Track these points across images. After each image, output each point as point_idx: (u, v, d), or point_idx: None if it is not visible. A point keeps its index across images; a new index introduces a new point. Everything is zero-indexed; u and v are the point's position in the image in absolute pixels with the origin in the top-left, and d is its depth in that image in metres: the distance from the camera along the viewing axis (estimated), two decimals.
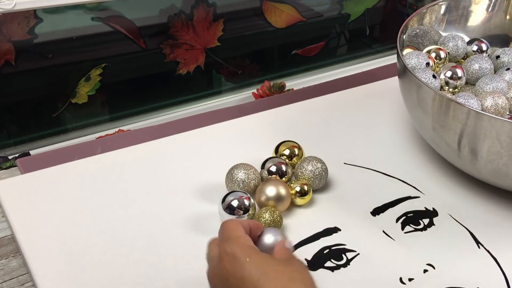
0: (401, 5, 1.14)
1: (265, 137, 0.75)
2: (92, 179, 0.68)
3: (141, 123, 0.93)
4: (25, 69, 0.82)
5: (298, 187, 0.63)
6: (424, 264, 0.58)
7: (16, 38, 0.80)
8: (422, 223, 0.63)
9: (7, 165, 0.78)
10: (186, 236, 0.60)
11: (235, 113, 0.81)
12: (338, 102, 0.84)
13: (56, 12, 0.81)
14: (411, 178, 0.69)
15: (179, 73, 0.95)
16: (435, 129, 0.65)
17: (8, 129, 0.85)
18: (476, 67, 0.73)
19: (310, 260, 0.58)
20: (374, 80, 0.89)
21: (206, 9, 0.92)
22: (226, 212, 0.59)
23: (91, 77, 0.88)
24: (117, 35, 0.87)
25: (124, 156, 0.72)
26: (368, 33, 1.13)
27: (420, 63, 0.70)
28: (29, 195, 0.65)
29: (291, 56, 1.06)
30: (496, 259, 0.59)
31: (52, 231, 0.60)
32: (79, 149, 0.74)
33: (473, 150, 0.61)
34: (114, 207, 0.64)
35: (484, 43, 0.78)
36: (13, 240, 0.63)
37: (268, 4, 0.98)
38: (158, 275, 0.56)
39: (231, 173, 0.64)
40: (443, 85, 0.71)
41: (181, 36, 0.92)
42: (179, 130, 0.77)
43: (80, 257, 0.57)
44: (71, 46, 0.85)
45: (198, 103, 0.99)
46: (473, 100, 0.65)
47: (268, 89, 0.98)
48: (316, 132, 0.77)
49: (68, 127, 0.90)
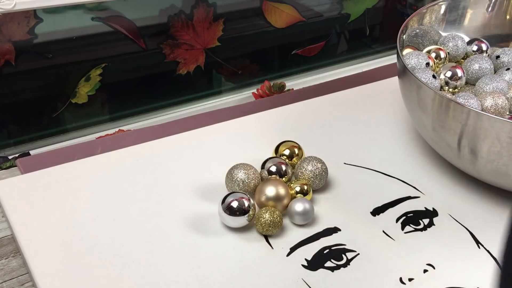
0: (401, 5, 1.14)
1: (265, 137, 0.75)
2: (92, 179, 0.68)
3: (141, 123, 0.93)
4: (25, 69, 0.82)
5: (298, 187, 0.63)
6: (424, 264, 0.58)
7: (16, 38, 0.80)
8: (422, 223, 0.63)
9: (7, 165, 0.78)
10: (186, 236, 0.60)
11: (235, 113, 0.81)
12: (338, 102, 0.84)
13: (56, 12, 0.81)
14: (411, 178, 0.69)
15: (179, 73, 0.95)
16: (435, 129, 0.65)
17: (8, 129, 0.85)
18: (476, 67, 0.73)
19: (310, 260, 0.58)
20: (374, 80, 0.89)
21: (206, 9, 0.92)
22: (226, 213, 0.59)
23: (91, 77, 0.88)
24: (117, 35, 0.87)
25: (124, 156, 0.72)
26: (368, 33, 1.13)
27: (420, 63, 0.70)
28: (29, 195, 0.65)
29: (291, 56, 1.06)
30: (496, 259, 0.59)
31: (52, 231, 0.60)
32: (79, 149, 0.74)
33: (473, 150, 0.61)
34: (114, 207, 0.64)
35: (484, 43, 0.78)
36: (13, 240, 0.63)
37: (268, 4, 0.98)
38: (158, 275, 0.56)
39: (231, 173, 0.64)
40: (443, 85, 0.71)
41: (181, 36, 0.92)
42: (179, 130, 0.77)
43: (80, 257, 0.57)
44: (71, 46, 0.85)
45: (198, 103, 0.99)
46: (473, 100, 0.65)
47: (268, 89, 0.98)
48: (316, 132, 0.77)
49: (68, 127, 0.90)
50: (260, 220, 0.59)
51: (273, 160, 0.66)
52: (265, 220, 0.59)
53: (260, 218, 0.60)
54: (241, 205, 0.59)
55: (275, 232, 0.60)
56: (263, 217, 0.59)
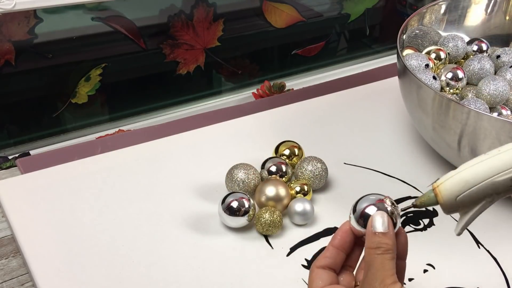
0: (401, 5, 1.14)
1: (265, 137, 0.75)
2: (92, 179, 0.68)
3: (141, 123, 0.93)
4: (25, 69, 0.82)
5: (298, 187, 0.63)
6: (424, 264, 0.58)
7: (16, 38, 0.80)
8: (422, 223, 0.63)
9: (7, 165, 0.78)
10: (186, 236, 0.60)
11: (235, 113, 0.81)
12: (338, 102, 0.84)
13: (56, 12, 0.81)
14: (411, 178, 0.69)
15: (179, 73, 0.95)
16: (435, 129, 0.65)
17: (8, 129, 0.85)
18: (476, 67, 0.72)
19: (310, 260, 0.58)
20: (374, 80, 0.89)
21: (206, 9, 0.92)
22: (226, 213, 0.59)
23: (91, 77, 0.88)
24: (117, 35, 0.87)
25: (124, 156, 0.72)
26: (368, 33, 1.13)
27: (419, 64, 0.70)
28: (29, 195, 0.65)
29: (291, 56, 1.06)
30: (496, 259, 0.59)
31: (52, 231, 0.60)
32: (79, 149, 0.74)
33: (473, 150, 0.61)
34: (114, 207, 0.64)
35: (484, 43, 0.78)
36: (13, 240, 0.63)
37: (268, 4, 0.98)
38: (158, 275, 0.56)
39: (231, 173, 0.64)
40: (444, 86, 0.71)
41: (181, 36, 0.92)
42: (179, 130, 0.77)
43: (80, 257, 0.57)
44: (71, 46, 0.85)
45: (198, 103, 0.99)
46: (479, 103, 0.65)
47: (268, 89, 0.98)
48: (316, 132, 0.77)
49: (68, 127, 0.90)
50: (260, 220, 0.59)
51: (273, 160, 0.66)
52: (265, 220, 0.59)
53: (260, 218, 0.60)
54: (241, 205, 0.59)
55: (275, 232, 0.60)
56: (263, 217, 0.59)
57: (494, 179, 0.40)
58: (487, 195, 0.41)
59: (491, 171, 0.40)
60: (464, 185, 0.41)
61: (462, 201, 0.41)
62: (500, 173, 0.40)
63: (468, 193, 0.41)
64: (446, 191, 0.41)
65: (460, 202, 0.41)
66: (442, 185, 0.42)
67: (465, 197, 0.41)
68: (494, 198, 0.41)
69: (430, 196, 0.42)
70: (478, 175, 0.41)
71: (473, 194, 0.41)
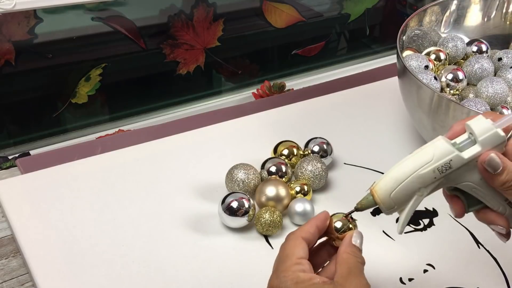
0: (401, 5, 1.14)
1: (265, 137, 0.75)
2: (92, 179, 0.68)
3: (141, 123, 0.93)
4: (25, 69, 0.82)
5: (298, 187, 0.63)
6: (424, 264, 0.58)
7: (16, 38, 0.80)
8: (422, 223, 0.63)
9: (7, 165, 0.78)
10: (186, 236, 0.60)
11: (235, 113, 0.81)
12: (338, 102, 0.84)
13: (56, 12, 0.81)
14: None
15: (179, 73, 0.95)
16: (435, 129, 0.65)
17: (8, 129, 0.85)
18: (476, 68, 0.72)
19: None
20: (374, 80, 0.89)
21: (206, 9, 0.92)
22: (226, 213, 0.59)
23: (91, 77, 0.88)
24: (117, 35, 0.87)
25: (124, 156, 0.72)
26: (368, 33, 1.13)
27: (419, 65, 0.70)
28: (29, 195, 0.65)
29: (291, 56, 1.06)
30: (496, 259, 0.59)
31: (52, 231, 0.60)
32: (79, 149, 0.74)
33: None
34: (114, 207, 0.64)
35: (484, 44, 0.78)
36: (13, 240, 0.63)
37: (268, 4, 0.98)
38: (158, 275, 0.56)
39: (231, 173, 0.64)
40: (444, 87, 0.71)
41: (181, 36, 0.92)
42: (179, 130, 0.77)
43: (80, 257, 0.57)
44: (71, 46, 0.85)
45: (198, 103, 0.99)
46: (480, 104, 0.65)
47: (268, 89, 0.98)
48: (316, 132, 0.77)
49: (68, 127, 0.90)
50: (260, 220, 0.59)
51: (273, 161, 0.66)
52: (265, 220, 0.59)
53: (260, 218, 0.60)
54: (241, 205, 0.59)
55: (275, 232, 0.60)
56: (263, 217, 0.59)
57: (419, 172, 0.44)
58: (416, 189, 0.44)
59: (415, 166, 0.44)
60: (394, 182, 0.44)
61: (395, 198, 0.44)
62: (423, 165, 0.44)
63: (399, 189, 0.44)
64: (381, 190, 0.45)
65: (394, 199, 0.44)
66: (376, 186, 0.45)
67: (397, 194, 0.44)
68: (423, 192, 0.44)
69: (369, 198, 0.46)
70: (405, 171, 0.44)
71: (403, 189, 0.44)
